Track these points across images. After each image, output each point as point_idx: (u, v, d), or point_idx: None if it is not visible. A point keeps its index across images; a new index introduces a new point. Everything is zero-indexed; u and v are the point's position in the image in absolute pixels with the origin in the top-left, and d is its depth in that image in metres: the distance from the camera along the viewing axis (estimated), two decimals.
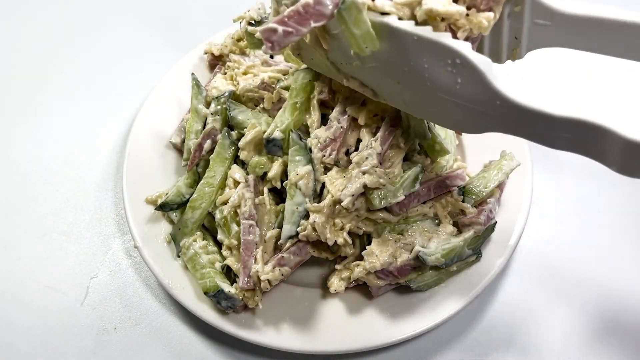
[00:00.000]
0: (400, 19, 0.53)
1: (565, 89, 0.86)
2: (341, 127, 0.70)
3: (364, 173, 0.66)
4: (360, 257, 0.70)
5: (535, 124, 0.49)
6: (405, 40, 0.52)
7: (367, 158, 0.66)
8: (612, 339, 0.74)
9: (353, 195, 0.65)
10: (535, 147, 0.84)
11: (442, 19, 0.53)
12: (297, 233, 0.68)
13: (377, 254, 0.68)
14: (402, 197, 0.67)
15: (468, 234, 0.70)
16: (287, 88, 0.76)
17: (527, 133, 0.51)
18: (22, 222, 0.85)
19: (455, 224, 0.73)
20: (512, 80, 0.51)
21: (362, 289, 0.71)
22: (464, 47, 0.49)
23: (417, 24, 0.53)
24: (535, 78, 0.81)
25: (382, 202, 0.66)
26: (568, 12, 0.53)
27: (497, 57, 0.59)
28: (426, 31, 0.51)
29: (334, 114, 0.72)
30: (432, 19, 0.53)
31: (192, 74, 0.82)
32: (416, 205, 0.71)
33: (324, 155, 0.70)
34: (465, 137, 0.84)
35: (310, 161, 0.68)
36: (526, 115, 0.49)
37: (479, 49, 0.59)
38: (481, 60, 0.49)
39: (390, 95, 0.61)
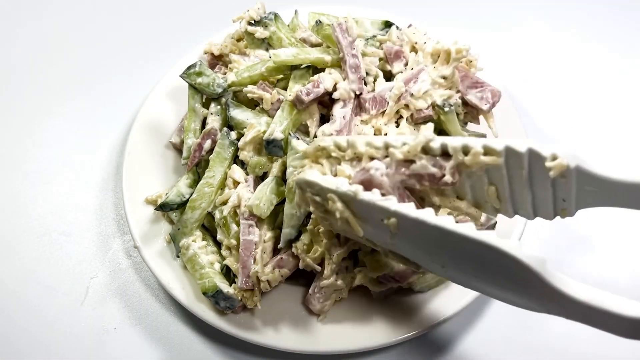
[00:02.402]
0: (436, 213, 0.51)
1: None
2: (345, 120, 0.71)
3: None
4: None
5: (603, 320, 0.49)
6: (446, 236, 0.50)
7: None
8: (612, 338, 0.73)
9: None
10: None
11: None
12: (297, 236, 0.68)
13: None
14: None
15: None
16: (285, 88, 0.76)
17: (592, 323, 0.51)
18: (22, 222, 0.85)
19: None
20: (568, 279, 0.48)
21: (362, 288, 0.71)
22: (513, 249, 0.46)
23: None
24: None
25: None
26: (618, 179, 0.51)
27: (545, 216, 0.57)
28: (469, 230, 0.48)
29: (335, 111, 0.72)
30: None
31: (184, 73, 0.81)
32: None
33: None
34: None
35: None
36: (589, 311, 0.48)
37: (525, 211, 0.57)
38: (534, 261, 0.46)
39: (435, 271, 0.58)
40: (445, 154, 0.54)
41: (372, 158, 0.57)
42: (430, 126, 0.57)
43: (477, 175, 0.55)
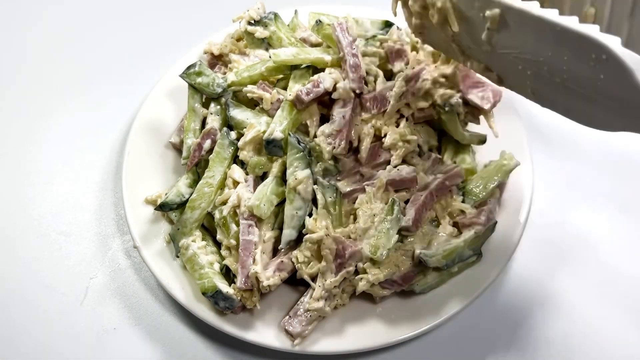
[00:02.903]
0: (542, 5, 0.51)
1: None
2: (345, 119, 0.71)
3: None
4: None
5: None
6: (546, 29, 0.50)
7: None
8: (612, 338, 0.73)
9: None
10: (536, 147, 0.84)
11: None
12: (297, 237, 0.68)
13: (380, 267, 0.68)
14: (396, 236, 0.67)
15: (468, 234, 0.70)
16: (285, 88, 0.76)
17: None
18: (22, 222, 0.85)
19: (455, 225, 0.73)
20: None
21: None
22: (614, 43, 0.46)
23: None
24: None
25: (380, 254, 0.66)
26: None
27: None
28: (572, 22, 0.48)
29: (335, 111, 0.72)
30: None
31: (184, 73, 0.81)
32: (426, 214, 0.71)
33: (334, 147, 0.69)
34: None
35: (309, 165, 0.68)
36: None
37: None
38: (632, 58, 0.45)
39: (518, 83, 0.59)
40: None
41: None
42: None
43: None
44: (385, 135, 0.73)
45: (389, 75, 0.77)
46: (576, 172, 0.87)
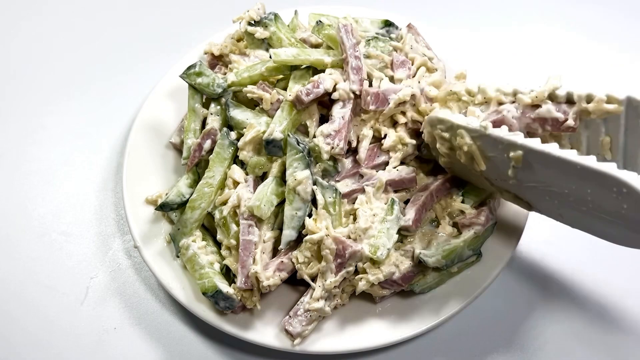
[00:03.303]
0: (560, 146, 0.56)
1: None
2: (344, 119, 0.71)
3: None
4: None
5: None
6: (568, 168, 0.55)
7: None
8: (612, 338, 0.74)
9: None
10: None
11: None
12: (297, 237, 0.68)
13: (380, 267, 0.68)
14: (396, 236, 0.68)
15: (468, 234, 0.70)
16: (285, 88, 0.76)
17: None
18: (22, 222, 0.85)
19: (455, 225, 0.73)
20: None
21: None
22: (632, 178, 0.51)
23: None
24: None
25: (380, 253, 0.66)
26: None
27: None
28: (590, 161, 0.53)
29: (335, 111, 0.72)
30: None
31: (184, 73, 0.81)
32: (426, 214, 0.71)
33: (332, 148, 0.70)
34: None
35: (308, 166, 0.69)
36: None
37: (633, 165, 0.60)
38: None
39: (547, 210, 0.64)
40: (569, 101, 0.61)
41: (500, 103, 0.65)
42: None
43: (595, 125, 0.61)
44: (384, 137, 0.73)
45: (391, 80, 0.77)
46: None
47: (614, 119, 0.59)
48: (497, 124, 0.62)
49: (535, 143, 0.57)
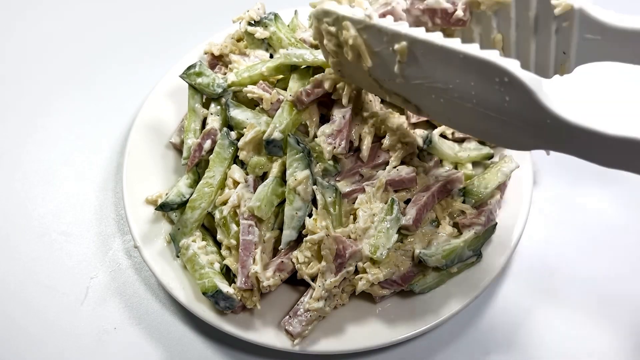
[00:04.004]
0: (445, 36, 0.54)
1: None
2: (345, 119, 0.71)
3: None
4: None
5: (588, 143, 0.48)
6: (451, 58, 0.53)
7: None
8: (611, 338, 0.74)
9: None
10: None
11: None
12: (297, 237, 0.68)
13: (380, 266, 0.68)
14: (396, 236, 0.67)
15: (468, 235, 0.70)
16: (285, 88, 0.76)
17: (578, 152, 0.51)
18: (22, 222, 0.85)
19: (455, 225, 0.73)
20: (563, 98, 0.50)
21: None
22: (513, 66, 0.49)
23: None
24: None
25: (380, 253, 0.66)
26: (619, 26, 0.52)
27: (544, 73, 0.59)
28: (473, 49, 0.51)
29: (335, 111, 0.72)
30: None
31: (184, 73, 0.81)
32: (427, 214, 0.71)
33: (334, 147, 0.70)
34: None
35: (309, 166, 0.69)
36: (578, 134, 0.48)
37: (525, 65, 0.59)
38: (531, 79, 0.48)
39: (435, 112, 0.62)
40: None
41: None
42: None
43: (486, 19, 0.59)
44: (384, 136, 0.73)
45: None
46: (577, 172, 0.87)
47: (504, 14, 0.58)
48: (385, 16, 0.60)
49: (418, 32, 0.55)
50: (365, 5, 0.62)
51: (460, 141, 0.78)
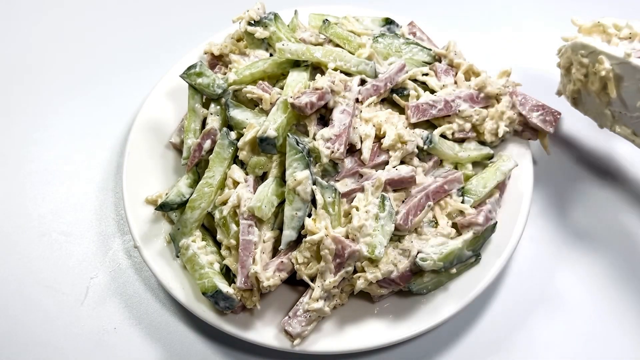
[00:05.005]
0: None
1: None
2: (344, 124, 0.71)
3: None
4: None
5: None
6: None
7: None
8: (611, 338, 0.74)
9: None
10: (535, 149, 0.85)
11: None
12: (298, 238, 0.68)
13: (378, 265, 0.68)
14: (392, 229, 0.67)
15: (467, 235, 0.70)
16: (283, 87, 0.76)
17: None
18: (22, 222, 0.85)
19: (454, 226, 0.73)
20: None
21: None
22: None
23: None
24: None
25: (378, 252, 0.66)
26: None
27: None
28: None
29: (335, 115, 0.72)
30: None
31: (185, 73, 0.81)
32: (417, 215, 0.71)
33: (332, 152, 0.70)
34: None
35: (308, 166, 0.68)
36: None
37: None
38: None
39: None
40: None
41: None
42: None
43: None
44: (384, 136, 0.73)
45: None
46: (577, 172, 0.87)
47: None
48: None
49: None
50: (621, 45, 0.70)
51: (460, 141, 0.79)
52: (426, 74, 0.80)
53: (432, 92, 0.79)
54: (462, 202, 0.73)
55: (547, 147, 0.82)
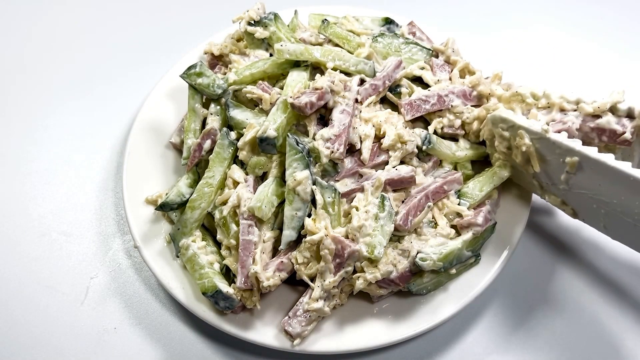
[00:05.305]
0: (617, 159, 0.59)
1: None
2: (344, 124, 0.71)
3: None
4: None
5: None
6: (621, 179, 0.58)
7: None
8: (612, 338, 0.74)
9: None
10: None
11: None
12: (298, 238, 0.68)
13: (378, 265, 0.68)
14: (391, 229, 0.68)
15: (467, 235, 0.70)
16: (282, 87, 0.76)
17: None
18: (22, 222, 0.85)
19: (454, 226, 0.73)
20: None
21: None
22: None
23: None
24: None
25: (377, 252, 0.66)
26: None
27: None
28: None
29: (334, 115, 0.72)
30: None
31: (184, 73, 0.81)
32: (417, 215, 0.71)
33: (332, 152, 0.70)
34: None
35: (308, 166, 0.69)
36: None
37: None
38: None
39: (591, 218, 0.67)
40: (629, 116, 0.66)
41: (562, 109, 0.69)
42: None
43: None
44: (384, 136, 0.73)
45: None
46: None
47: None
48: (560, 132, 0.66)
49: (592, 151, 0.61)
50: (540, 117, 0.69)
51: (452, 139, 0.78)
52: (422, 68, 0.80)
53: (427, 87, 0.79)
54: (459, 204, 0.73)
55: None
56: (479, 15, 1.09)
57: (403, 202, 0.72)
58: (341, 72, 0.76)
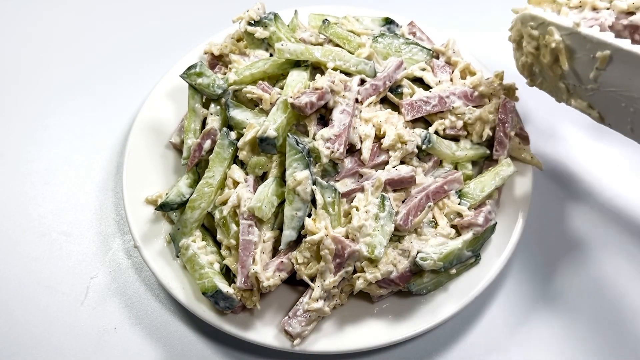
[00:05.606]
0: None
1: None
2: (344, 124, 0.71)
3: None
4: None
5: None
6: None
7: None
8: (611, 338, 0.74)
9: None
10: (536, 149, 0.85)
11: None
12: (298, 238, 0.68)
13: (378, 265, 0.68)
14: (392, 229, 0.67)
15: (467, 235, 0.70)
16: (282, 87, 0.76)
17: None
18: (22, 222, 0.85)
19: (454, 226, 0.73)
20: None
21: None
22: None
23: None
24: None
25: (377, 252, 0.66)
26: None
27: None
28: None
29: (334, 115, 0.72)
30: None
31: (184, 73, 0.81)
32: (417, 215, 0.71)
33: (332, 152, 0.70)
34: None
35: (308, 166, 0.69)
36: None
37: None
38: None
39: (618, 121, 0.65)
40: None
41: (594, 8, 0.66)
42: None
43: None
44: (384, 136, 0.73)
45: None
46: (576, 172, 0.87)
47: None
48: (592, 26, 0.64)
49: (624, 43, 0.59)
50: (571, 14, 0.67)
51: (455, 140, 0.78)
52: (424, 69, 0.80)
53: (428, 88, 0.79)
54: (459, 204, 0.73)
55: (537, 163, 0.80)
56: (479, 14, 1.09)
57: (403, 202, 0.72)
58: (341, 72, 0.76)
